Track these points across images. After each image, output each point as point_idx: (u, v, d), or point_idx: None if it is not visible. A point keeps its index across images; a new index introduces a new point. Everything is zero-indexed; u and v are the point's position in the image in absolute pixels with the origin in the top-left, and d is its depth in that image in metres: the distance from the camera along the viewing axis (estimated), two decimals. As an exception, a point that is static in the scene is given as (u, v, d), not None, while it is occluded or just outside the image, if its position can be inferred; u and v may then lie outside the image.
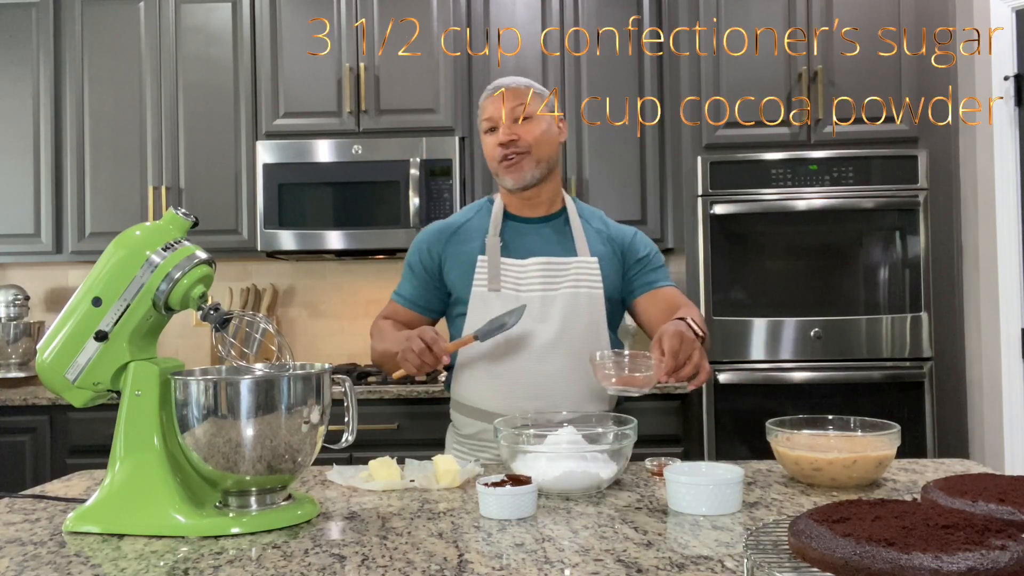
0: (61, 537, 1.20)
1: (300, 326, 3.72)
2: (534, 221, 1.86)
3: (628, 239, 1.88)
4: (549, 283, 1.78)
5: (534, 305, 1.76)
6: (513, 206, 1.86)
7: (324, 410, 1.28)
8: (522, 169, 1.78)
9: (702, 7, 3.10)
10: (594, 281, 1.79)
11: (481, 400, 1.80)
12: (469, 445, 1.84)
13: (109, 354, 1.26)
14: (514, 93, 1.79)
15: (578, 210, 1.89)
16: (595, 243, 1.84)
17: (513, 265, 1.79)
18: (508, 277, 1.78)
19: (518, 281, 1.78)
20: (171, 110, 3.42)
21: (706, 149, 3.10)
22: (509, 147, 1.77)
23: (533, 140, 1.78)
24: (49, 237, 3.43)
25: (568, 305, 1.77)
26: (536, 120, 1.79)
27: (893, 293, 3.02)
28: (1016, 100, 2.95)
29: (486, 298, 1.77)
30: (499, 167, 1.79)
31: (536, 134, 1.78)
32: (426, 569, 1.02)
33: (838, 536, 0.85)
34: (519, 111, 1.77)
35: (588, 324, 1.78)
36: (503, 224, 1.84)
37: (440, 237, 1.87)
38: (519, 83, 1.82)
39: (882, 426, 1.45)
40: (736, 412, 3.02)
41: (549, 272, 1.79)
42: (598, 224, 1.89)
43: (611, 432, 1.45)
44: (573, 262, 1.80)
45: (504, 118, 1.77)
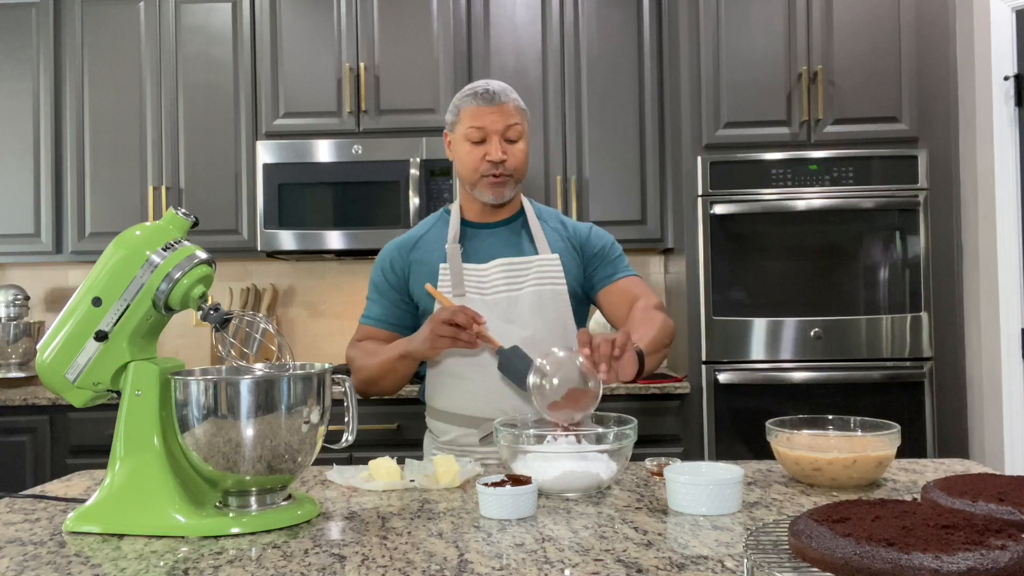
0: (61, 537, 1.20)
1: (300, 326, 3.72)
2: (492, 226, 1.86)
3: (584, 234, 1.87)
4: (512, 283, 1.78)
5: (499, 307, 1.76)
6: (473, 213, 1.86)
7: (324, 410, 1.28)
8: (505, 187, 1.78)
9: (702, 7, 3.10)
10: (557, 278, 1.79)
11: (458, 405, 1.80)
12: (449, 451, 1.82)
13: (109, 354, 1.26)
14: (508, 111, 1.76)
15: (536, 212, 1.89)
16: (554, 241, 1.84)
17: (475, 270, 1.79)
18: (471, 281, 1.78)
19: (481, 285, 1.78)
20: (171, 110, 3.42)
21: (706, 149, 3.10)
22: (498, 167, 1.75)
23: (519, 164, 1.78)
24: (49, 237, 3.43)
25: (533, 303, 1.76)
26: (522, 141, 1.79)
27: (893, 293, 3.02)
28: (1016, 100, 2.96)
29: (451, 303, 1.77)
30: (480, 181, 1.77)
31: (522, 158, 1.78)
32: (426, 569, 1.02)
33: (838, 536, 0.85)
34: (513, 131, 1.76)
35: (556, 320, 1.78)
36: (461, 231, 1.84)
37: (401, 252, 1.86)
38: (511, 96, 1.78)
39: (882, 426, 1.45)
40: (736, 412, 3.02)
41: (511, 272, 1.79)
42: (555, 223, 1.88)
43: (611, 432, 1.45)
44: (535, 260, 1.80)
45: (497, 134, 1.75)
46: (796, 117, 3.09)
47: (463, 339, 1.58)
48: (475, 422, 1.77)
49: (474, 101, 1.76)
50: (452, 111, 1.81)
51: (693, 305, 3.07)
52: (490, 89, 1.77)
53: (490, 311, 1.75)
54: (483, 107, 1.76)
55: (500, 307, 1.76)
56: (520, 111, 1.79)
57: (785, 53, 3.09)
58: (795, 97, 3.09)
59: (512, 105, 1.77)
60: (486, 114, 1.75)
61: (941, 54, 3.09)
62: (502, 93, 1.77)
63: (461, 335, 1.58)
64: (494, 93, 1.76)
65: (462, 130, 1.78)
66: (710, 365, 3.03)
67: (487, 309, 1.75)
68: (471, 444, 1.78)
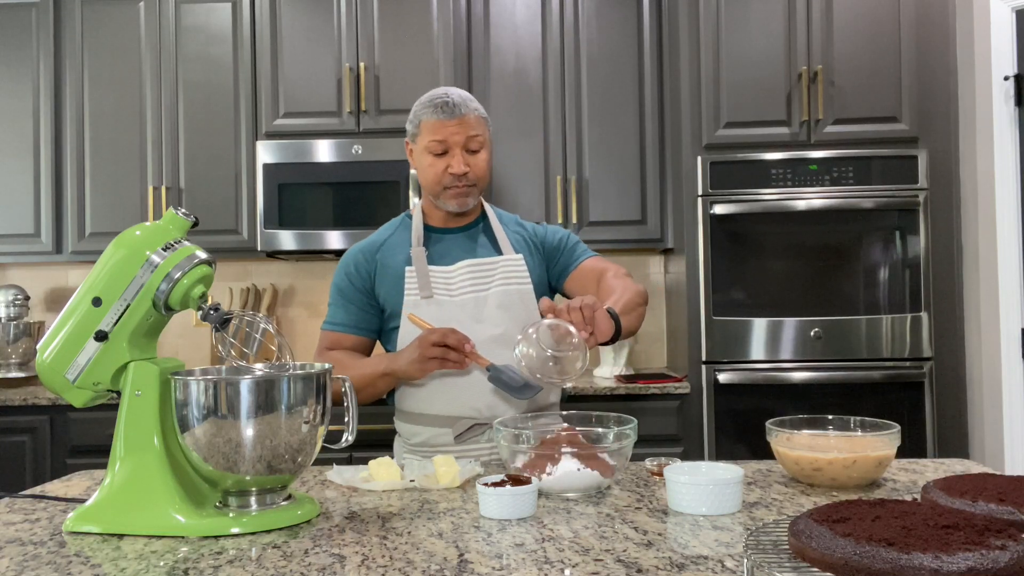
0: (61, 537, 1.20)
1: (300, 326, 3.72)
2: (455, 230, 1.87)
3: (541, 233, 1.91)
4: (479, 284, 1.79)
5: (467, 308, 1.77)
6: (436, 219, 1.87)
7: (324, 410, 1.28)
8: (468, 196, 1.80)
9: (702, 7, 3.10)
10: (522, 277, 1.82)
11: (428, 406, 1.79)
12: (421, 453, 1.81)
13: (109, 354, 1.26)
14: (469, 123, 1.76)
15: (496, 215, 1.92)
16: (516, 243, 1.87)
17: (441, 271, 1.80)
18: (438, 283, 1.79)
19: (448, 286, 1.79)
20: (171, 110, 3.42)
21: (706, 149, 3.10)
22: (461, 179, 1.77)
23: (482, 173, 1.80)
24: (49, 237, 3.43)
25: (501, 303, 1.78)
26: (483, 151, 1.80)
27: (893, 293, 3.02)
28: (1016, 100, 2.96)
29: (419, 306, 1.77)
30: (443, 192, 1.79)
31: (484, 167, 1.80)
32: (426, 569, 1.02)
33: (838, 536, 0.85)
34: (474, 142, 1.77)
35: (524, 318, 1.77)
36: (425, 235, 1.85)
37: (366, 255, 1.85)
38: (471, 107, 1.77)
39: (882, 426, 1.45)
40: (736, 412, 3.02)
41: (477, 273, 1.80)
42: (514, 226, 1.91)
43: (611, 432, 1.45)
44: (500, 261, 1.82)
45: (459, 146, 1.76)
46: (796, 117, 3.09)
47: (452, 359, 1.61)
48: (448, 421, 1.77)
49: (435, 114, 1.75)
50: (413, 121, 1.80)
51: (693, 305, 3.07)
52: (450, 101, 1.75)
53: (459, 311, 1.77)
54: (444, 120, 1.75)
55: (468, 307, 1.78)
56: (481, 121, 1.79)
57: (785, 53, 3.09)
58: (795, 97, 3.09)
59: (473, 116, 1.77)
60: (447, 127, 1.75)
61: (941, 54, 3.09)
62: (462, 104, 1.76)
63: (450, 355, 1.61)
64: (455, 105, 1.75)
65: (423, 142, 1.78)
66: (710, 365, 3.03)
67: (456, 309, 1.77)
68: (445, 444, 1.78)
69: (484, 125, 1.81)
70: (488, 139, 1.82)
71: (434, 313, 1.75)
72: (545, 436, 1.44)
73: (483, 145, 1.79)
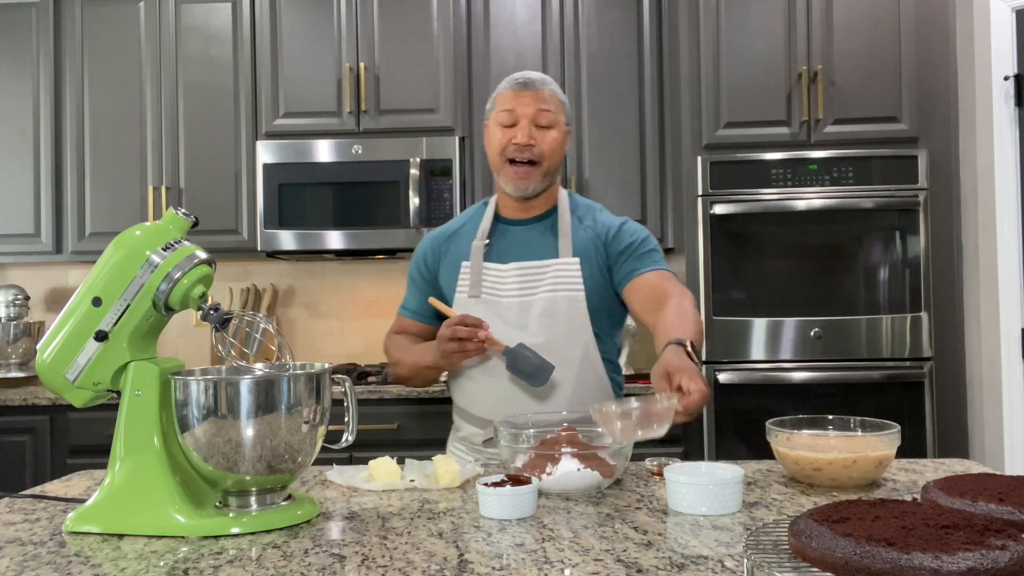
0: (61, 537, 1.20)
1: (300, 326, 3.72)
2: (523, 223, 1.82)
3: (612, 232, 1.77)
4: (527, 287, 1.74)
5: (512, 311, 1.73)
6: (506, 207, 1.83)
7: (324, 410, 1.28)
8: (529, 178, 1.73)
9: (702, 7, 3.10)
10: (574, 283, 1.73)
11: (469, 404, 1.81)
12: (467, 445, 1.84)
13: (109, 354, 1.26)
14: (542, 96, 1.73)
15: (571, 207, 1.82)
16: (582, 242, 1.77)
17: (495, 270, 1.77)
18: (489, 282, 1.76)
19: (499, 286, 1.75)
20: (171, 110, 3.42)
21: (706, 149, 3.10)
22: (524, 151, 1.71)
23: (548, 151, 1.73)
24: (49, 237, 3.43)
25: (546, 310, 1.71)
26: (556, 129, 1.74)
27: (893, 293, 3.02)
28: (1016, 100, 2.95)
29: (467, 303, 1.76)
30: (504, 167, 1.74)
31: (552, 146, 1.73)
32: (426, 569, 1.02)
33: (838, 536, 0.85)
34: (544, 117, 1.72)
35: (570, 328, 1.72)
36: (494, 226, 1.82)
37: (435, 245, 1.86)
38: (547, 85, 1.75)
39: (882, 426, 1.45)
40: (736, 412, 3.01)
41: (526, 276, 1.75)
42: (589, 220, 1.81)
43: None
44: (552, 265, 1.74)
45: (527, 117, 1.71)
46: (796, 117, 3.09)
47: (470, 350, 1.60)
48: (481, 423, 1.77)
49: (509, 86, 1.75)
50: (491, 99, 1.79)
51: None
52: (528, 76, 1.76)
53: (506, 313, 1.73)
54: (517, 91, 1.74)
55: (514, 311, 1.73)
56: (556, 99, 1.75)
57: (785, 53, 3.09)
58: (795, 97, 3.09)
59: (547, 91, 1.74)
60: (519, 97, 1.73)
61: (941, 54, 3.09)
62: (539, 80, 1.75)
63: (467, 347, 1.60)
64: (530, 80, 1.75)
65: (495, 115, 1.76)
66: (710, 365, 3.03)
67: (504, 311, 1.73)
68: (477, 445, 1.79)
69: (559, 106, 1.75)
70: (563, 123, 1.76)
71: (481, 313, 1.70)
72: (545, 436, 1.44)
73: (555, 124, 1.73)
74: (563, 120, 1.77)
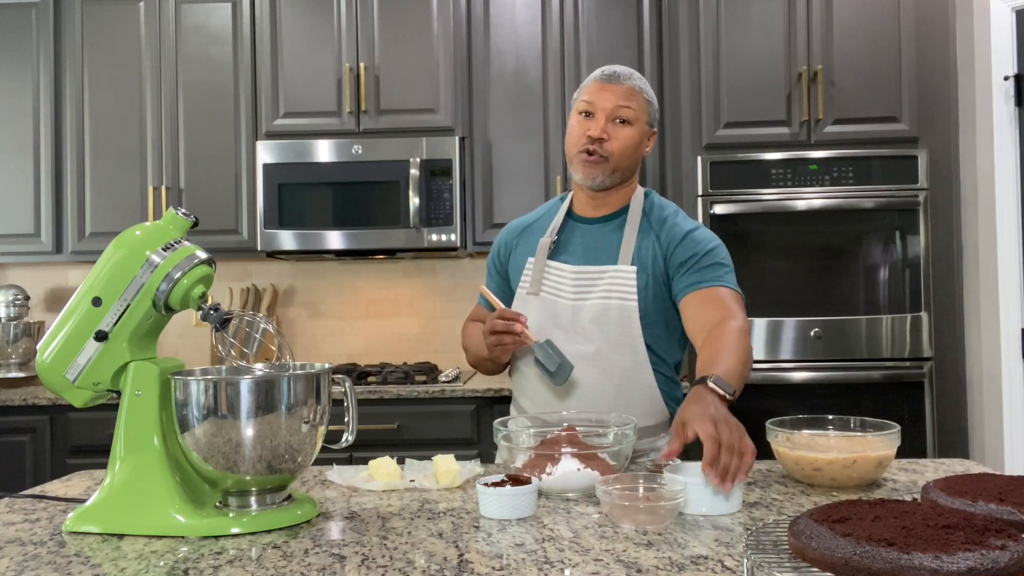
0: (61, 537, 1.20)
1: (300, 326, 3.72)
2: (593, 221, 1.79)
3: (677, 241, 1.72)
4: (581, 291, 1.71)
5: (567, 314, 1.71)
6: (580, 203, 1.81)
7: (324, 410, 1.28)
8: (595, 169, 1.70)
9: (702, 7, 3.10)
10: (628, 292, 1.68)
11: (519, 394, 1.83)
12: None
13: (109, 354, 1.26)
14: (625, 91, 1.70)
15: (646, 208, 1.78)
16: (644, 250, 1.72)
17: (557, 269, 1.75)
18: (549, 282, 1.75)
19: (559, 286, 1.74)
20: (171, 110, 3.42)
21: (706, 149, 3.10)
22: (595, 143, 1.69)
23: (619, 149, 1.70)
24: (49, 237, 3.43)
25: (598, 317, 1.68)
26: (633, 127, 1.71)
27: (893, 293, 3.01)
28: (1016, 100, 2.95)
29: (526, 300, 1.76)
30: (576, 157, 1.72)
31: (626, 143, 1.70)
32: (426, 569, 1.02)
33: (838, 536, 0.85)
34: (622, 112, 1.70)
35: (621, 336, 1.68)
36: (565, 223, 1.81)
37: (509, 237, 1.88)
38: (634, 80, 1.73)
39: (882, 426, 1.45)
40: (736, 412, 3.00)
41: (582, 281, 1.72)
42: (658, 226, 1.75)
43: (611, 432, 1.45)
44: (608, 271, 1.71)
45: (605, 111, 1.69)
46: (796, 117, 3.08)
47: (507, 343, 1.62)
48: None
49: (594, 78, 1.74)
50: (578, 89, 1.78)
51: (693, 305, 3.06)
52: (615, 69, 1.74)
53: (561, 315, 1.71)
54: (600, 83, 1.72)
55: (567, 314, 1.71)
56: (639, 97, 1.72)
57: (785, 53, 3.09)
58: (795, 97, 3.09)
59: (629, 86, 1.71)
60: (601, 90, 1.71)
61: (941, 54, 3.09)
62: (625, 75, 1.73)
63: (504, 340, 1.62)
64: (616, 73, 1.73)
65: (576, 105, 1.75)
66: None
67: (559, 311, 1.71)
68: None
69: (644, 105, 1.73)
70: (644, 122, 1.73)
71: (538, 311, 1.71)
72: (545, 436, 1.44)
73: (633, 121, 1.70)
74: (644, 119, 1.74)
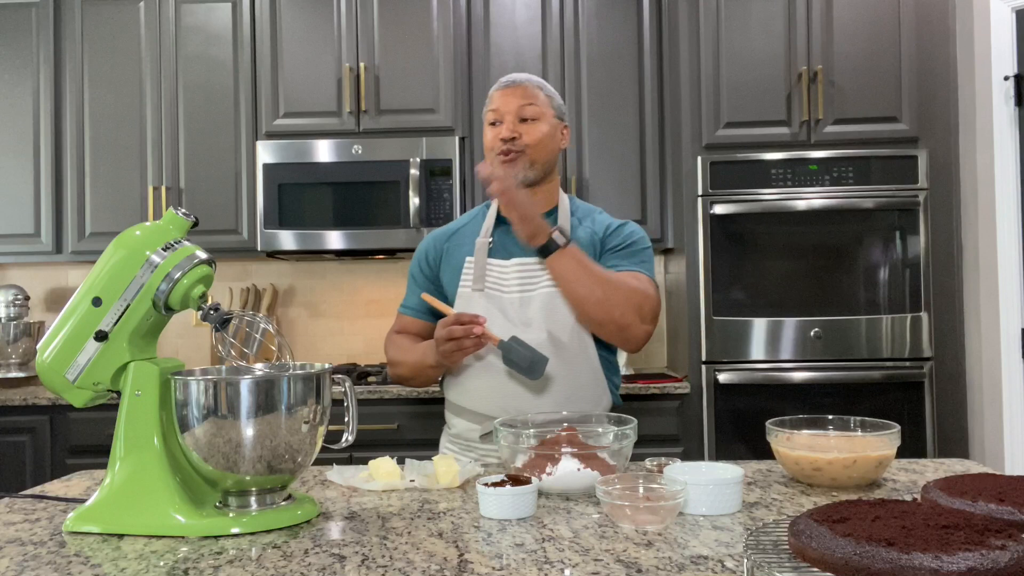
0: (61, 537, 1.20)
1: (300, 326, 3.72)
2: None
3: (610, 230, 1.83)
4: (526, 284, 1.76)
5: (514, 306, 1.76)
6: None
7: (324, 410, 1.28)
8: (515, 167, 1.76)
9: (702, 7, 3.10)
10: None
11: (464, 400, 1.81)
12: (459, 443, 1.84)
13: (109, 354, 1.26)
14: (525, 91, 1.79)
15: (571, 208, 1.87)
16: (581, 241, 1.80)
17: (497, 266, 1.79)
18: (492, 278, 1.78)
19: (500, 282, 1.78)
20: (171, 110, 3.42)
21: (706, 149, 3.10)
22: (509, 143, 1.76)
23: (533, 141, 1.76)
24: (49, 237, 3.43)
25: (546, 306, 1.74)
26: (541, 121, 1.78)
27: (893, 293, 3.02)
28: (1016, 100, 2.95)
29: (470, 298, 1.78)
30: (494, 161, 1.78)
31: (537, 135, 1.77)
32: (426, 569, 1.02)
33: (838, 536, 0.85)
34: (527, 110, 1.77)
35: (568, 323, 1.74)
36: (496, 226, 1.84)
37: (437, 243, 1.89)
38: (533, 81, 1.81)
39: (882, 426, 1.45)
40: (736, 412, 3.01)
41: (527, 272, 1.77)
42: (588, 222, 1.85)
43: (611, 432, 1.45)
44: None
45: (511, 113, 1.77)
46: (796, 117, 3.08)
47: (467, 347, 1.61)
48: (478, 418, 1.78)
49: (496, 88, 1.82)
50: (485, 106, 1.84)
51: (693, 305, 3.07)
52: (513, 76, 1.83)
53: (508, 308, 1.75)
54: (502, 91, 1.80)
55: (514, 307, 1.75)
56: (540, 94, 1.79)
57: (785, 53, 3.09)
58: (795, 97, 3.09)
59: (531, 86, 1.79)
60: (503, 95, 1.79)
61: (941, 54, 3.09)
62: (522, 79, 1.81)
63: (464, 344, 1.60)
64: (514, 79, 1.81)
65: (485, 116, 1.81)
66: (710, 365, 3.03)
67: (505, 306, 1.75)
68: (472, 440, 1.79)
69: (547, 100, 1.80)
70: (552, 116, 1.80)
71: (484, 307, 1.75)
72: (545, 436, 1.44)
73: (540, 116, 1.77)
74: (551, 114, 1.81)
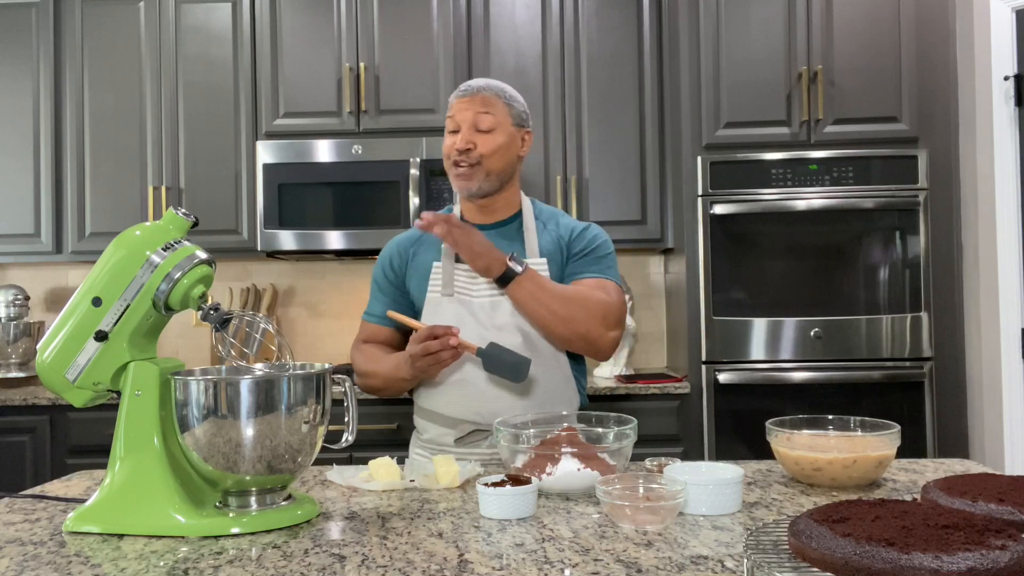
0: (61, 537, 1.20)
1: (300, 326, 3.72)
2: (487, 227, 1.84)
3: (575, 234, 1.82)
4: (495, 288, 1.75)
5: (484, 310, 1.75)
6: (469, 213, 1.85)
7: (324, 410, 1.28)
8: (471, 179, 1.75)
9: (702, 7, 3.10)
10: None
11: (438, 405, 1.80)
12: (429, 449, 1.83)
13: (109, 354, 1.26)
14: (484, 99, 1.75)
15: (535, 212, 1.86)
16: (546, 243, 1.81)
17: (465, 270, 1.78)
18: (460, 282, 1.78)
19: (469, 286, 1.77)
20: (171, 110, 3.42)
21: (706, 149, 3.10)
22: (463, 155, 1.74)
23: (488, 152, 1.74)
24: (49, 237, 3.43)
25: (516, 309, 1.73)
26: (498, 131, 1.75)
27: (893, 293, 3.02)
28: (1016, 100, 2.95)
29: (439, 303, 1.77)
30: (450, 171, 1.78)
31: (492, 146, 1.74)
32: (426, 569, 1.02)
33: (838, 536, 0.85)
34: (483, 120, 1.74)
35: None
36: None
37: (401, 249, 1.87)
38: (491, 89, 1.78)
39: (882, 426, 1.45)
40: (736, 412, 3.01)
41: None
42: (552, 224, 1.85)
43: (611, 432, 1.45)
44: None
45: (466, 123, 1.74)
46: (796, 117, 3.08)
47: (444, 359, 1.60)
48: (452, 423, 1.78)
49: (454, 96, 1.79)
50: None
51: (693, 305, 3.07)
52: (469, 83, 1.79)
53: (479, 312, 1.75)
54: (459, 99, 1.78)
55: (484, 311, 1.75)
56: (497, 102, 1.76)
57: (785, 53, 3.09)
58: (795, 97, 3.09)
59: (488, 95, 1.76)
60: (459, 104, 1.77)
61: (941, 54, 3.09)
62: (480, 86, 1.78)
63: (441, 357, 1.60)
64: (470, 87, 1.78)
65: (446, 125, 1.79)
66: (710, 365, 3.03)
67: (476, 310, 1.75)
68: (447, 444, 1.79)
69: (505, 108, 1.76)
70: (509, 124, 1.77)
71: (454, 311, 1.75)
72: (545, 436, 1.44)
73: (496, 126, 1.74)
74: (509, 122, 1.77)
